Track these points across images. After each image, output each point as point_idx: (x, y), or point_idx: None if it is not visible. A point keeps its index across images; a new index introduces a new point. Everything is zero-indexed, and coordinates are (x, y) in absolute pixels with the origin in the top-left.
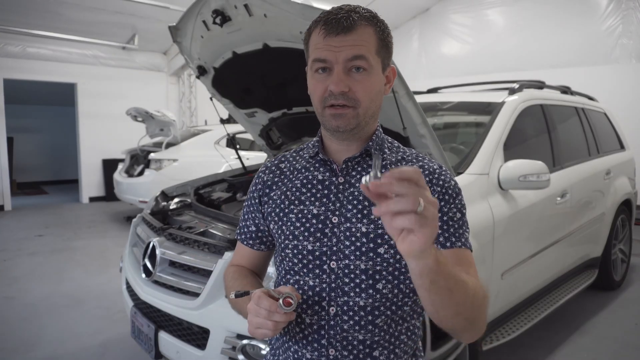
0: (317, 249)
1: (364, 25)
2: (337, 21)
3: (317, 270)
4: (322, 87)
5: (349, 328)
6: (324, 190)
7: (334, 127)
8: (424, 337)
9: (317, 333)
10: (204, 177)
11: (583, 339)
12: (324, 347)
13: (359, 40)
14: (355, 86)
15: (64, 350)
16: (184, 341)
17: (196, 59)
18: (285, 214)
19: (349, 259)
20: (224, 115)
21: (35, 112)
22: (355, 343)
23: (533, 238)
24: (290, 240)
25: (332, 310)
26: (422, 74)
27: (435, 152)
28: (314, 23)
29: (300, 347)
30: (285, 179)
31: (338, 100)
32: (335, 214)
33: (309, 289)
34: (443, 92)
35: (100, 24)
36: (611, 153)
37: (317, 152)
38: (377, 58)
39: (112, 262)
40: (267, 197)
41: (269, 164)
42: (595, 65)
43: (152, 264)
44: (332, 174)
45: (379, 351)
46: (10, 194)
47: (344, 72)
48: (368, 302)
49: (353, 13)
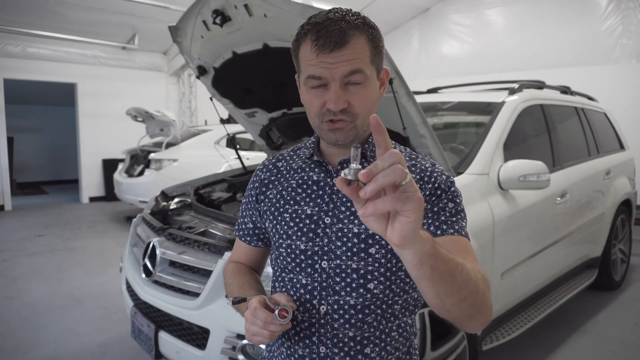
0: (310, 249)
1: (356, 36)
2: (328, 36)
3: (309, 270)
4: (318, 102)
5: (339, 326)
6: (319, 191)
7: (332, 141)
8: (424, 337)
9: (308, 330)
10: (204, 177)
11: (583, 339)
12: (315, 345)
13: (353, 54)
14: (353, 100)
15: (64, 350)
16: (184, 341)
17: (196, 59)
18: (280, 213)
19: (340, 259)
20: (224, 115)
21: (35, 112)
22: (346, 340)
23: (533, 238)
24: (284, 239)
25: (323, 308)
26: (422, 74)
27: (435, 152)
28: (302, 34)
29: (293, 344)
30: (281, 178)
31: (337, 117)
32: (328, 215)
33: (301, 287)
34: (443, 92)
35: (100, 24)
36: (611, 153)
37: (313, 153)
38: (372, 67)
39: (112, 262)
40: (264, 195)
41: (266, 162)
42: (595, 65)
43: (152, 264)
44: (327, 175)
45: (370, 348)
46: (10, 194)
47: (341, 88)
48: (359, 301)
49: (343, 22)
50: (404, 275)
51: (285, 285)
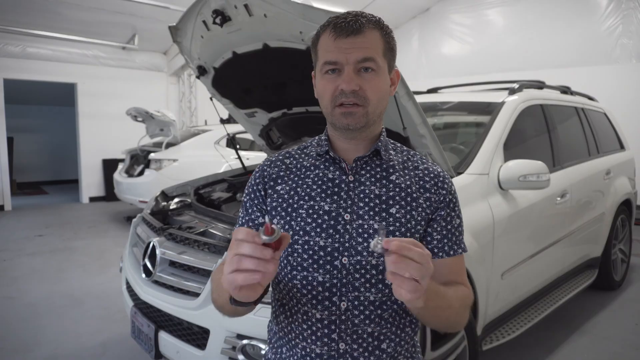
0: (329, 245)
1: (371, 29)
2: (347, 24)
3: (328, 266)
4: (332, 86)
5: (360, 322)
6: (335, 188)
7: (344, 125)
8: (424, 337)
9: (327, 328)
10: (204, 177)
11: (583, 339)
12: (334, 342)
13: (367, 42)
14: (365, 85)
15: (64, 350)
16: (184, 341)
17: (196, 59)
18: (295, 209)
19: (361, 255)
20: (224, 115)
21: (35, 112)
22: (365, 336)
23: (533, 238)
24: (300, 235)
25: (344, 305)
26: (422, 74)
27: (435, 152)
28: (322, 27)
29: (309, 343)
30: (292, 175)
31: (349, 99)
32: (347, 211)
33: (317, 284)
34: (443, 92)
35: (100, 24)
36: (611, 153)
37: (327, 150)
38: (384, 60)
39: (112, 262)
40: (273, 190)
41: (273, 158)
42: (596, 65)
43: (152, 264)
44: (342, 173)
45: (386, 343)
46: (10, 194)
47: (354, 72)
48: (377, 297)
49: (360, 17)
50: None
51: (295, 285)
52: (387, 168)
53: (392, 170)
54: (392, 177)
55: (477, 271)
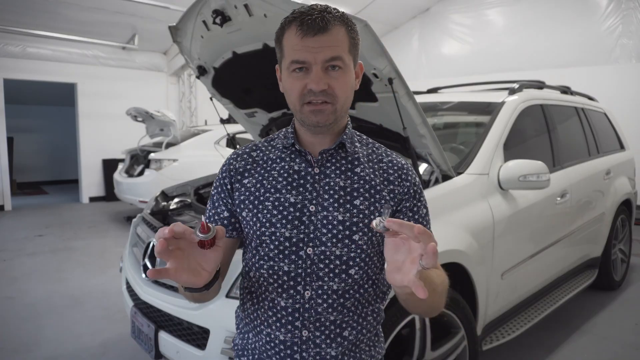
0: (295, 236)
1: (337, 26)
2: (313, 21)
3: (293, 256)
4: (300, 84)
5: (323, 310)
6: (300, 180)
7: (313, 123)
8: (424, 337)
9: (291, 316)
10: (204, 177)
11: (583, 339)
12: (297, 329)
13: (334, 40)
14: (333, 83)
15: (64, 350)
16: (184, 341)
17: (196, 59)
18: (261, 201)
19: (325, 245)
20: (224, 115)
21: (35, 112)
22: (327, 324)
23: (533, 238)
24: (267, 227)
25: (307, 294)
26: (422, 74)
27: (435, 152)
28: (286, 22)
29: (274, 330)
30: (258, 168)
31: (318, 97)
32: (313, 203)
33: (283, 274)
34: (443, 92)
35: (100, 24)
36: (611, 153)
37: (293, 143)
38: (349, 56)
39: (112, 262)
40: (239, 183)
41: (239, 151)
42: (596, 65)
43: (152, 263)
44: (308, 165)
45: (348, 331)
46: (10, 194)
47: (322, 71)
48: (340, 286)
49: (326, 13)
50: (377, 259)
51: (262, 274)
52: (352, 160)
53: (357, 162)
54: (357, 169)
55: (477, 271)
